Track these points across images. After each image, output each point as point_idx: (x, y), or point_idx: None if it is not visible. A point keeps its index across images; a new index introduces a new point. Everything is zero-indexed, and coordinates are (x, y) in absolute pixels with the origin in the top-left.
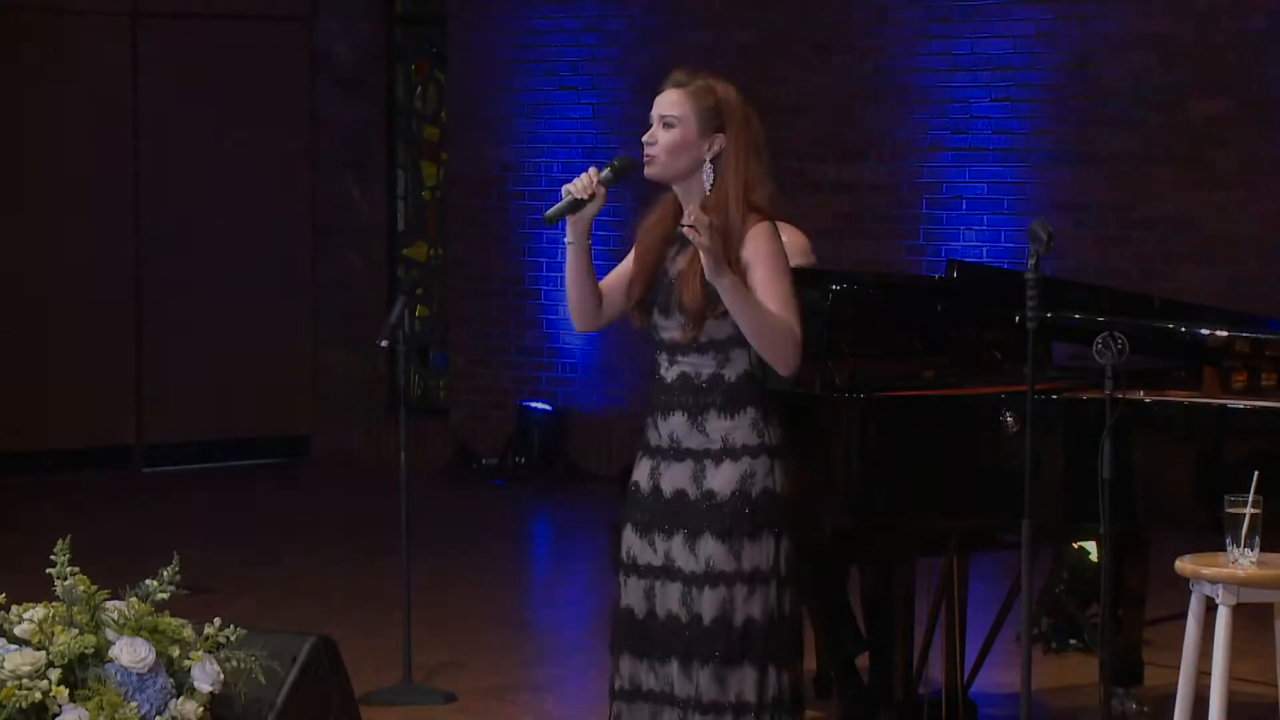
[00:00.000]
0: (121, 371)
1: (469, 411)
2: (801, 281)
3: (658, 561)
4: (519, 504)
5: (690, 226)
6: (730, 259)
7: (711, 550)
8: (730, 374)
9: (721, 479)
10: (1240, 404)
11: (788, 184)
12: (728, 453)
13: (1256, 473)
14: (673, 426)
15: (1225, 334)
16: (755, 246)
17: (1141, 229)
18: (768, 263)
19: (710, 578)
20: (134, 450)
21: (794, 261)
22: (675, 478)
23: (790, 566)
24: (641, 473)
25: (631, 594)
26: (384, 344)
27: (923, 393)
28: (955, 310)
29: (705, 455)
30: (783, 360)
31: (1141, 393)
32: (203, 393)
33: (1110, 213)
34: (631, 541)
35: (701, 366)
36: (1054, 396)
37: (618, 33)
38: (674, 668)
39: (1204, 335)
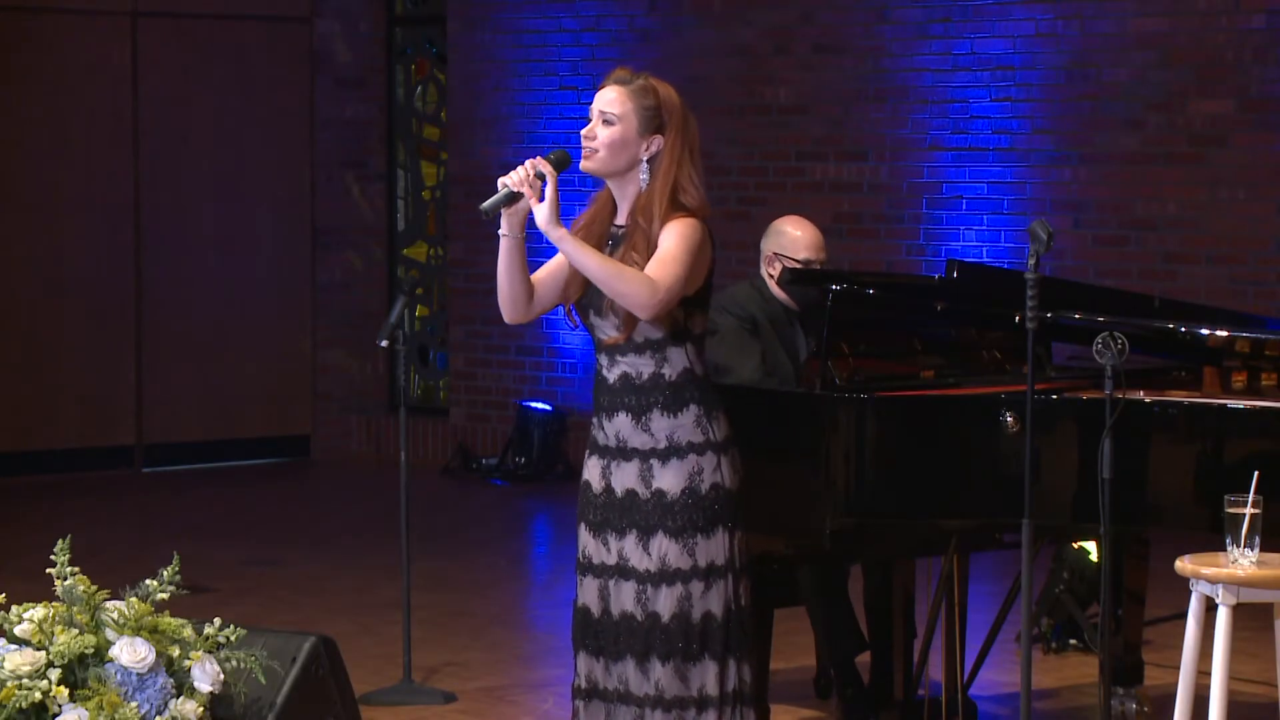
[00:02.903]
0: (121, 371)
1: (469, 411)
2: (802, 281)
3: (611, 560)
4: (519, 504)
5: (530, 174)
6: (647, 255)
7: (666, 548)
8: (669, 372)
9: (670, 478)
10: (1240, 404)
11: (787, 184)
12: (674, 451)
13: (1256, 473)
14: (618, 426)
15: (1225, 334)
16: (668, 230)
17: (1141, 229)
18: (668, 238)
19: (666, 575)
20: (134, 450)
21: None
22: (625, 477)
23: (745, 558)
24: (592, 472)
25: (587, 593)
26: (384, 344)
27: (923, 393)
28: (955, 310)
29: (651, 454)
30: (636, 302)
31: (1141, 393)
32: (203, 393)
33: (1110, 213)
34: (586, 540)
35: (640, 366)
36: (1054, 396)
37: (618, 33)
38: (629, 666)
39: (1204, 335)
